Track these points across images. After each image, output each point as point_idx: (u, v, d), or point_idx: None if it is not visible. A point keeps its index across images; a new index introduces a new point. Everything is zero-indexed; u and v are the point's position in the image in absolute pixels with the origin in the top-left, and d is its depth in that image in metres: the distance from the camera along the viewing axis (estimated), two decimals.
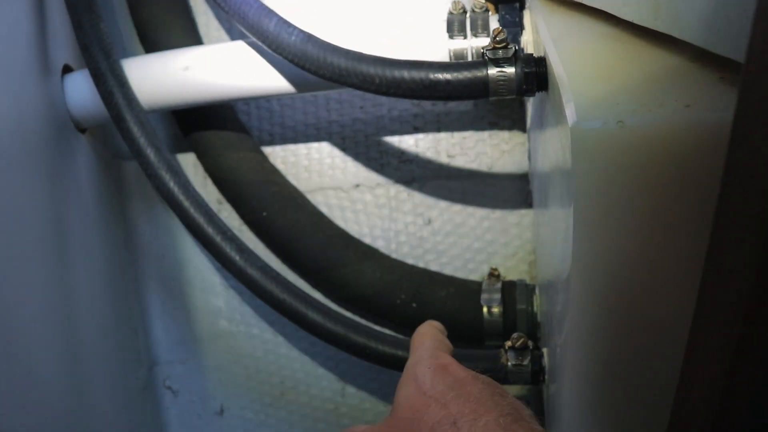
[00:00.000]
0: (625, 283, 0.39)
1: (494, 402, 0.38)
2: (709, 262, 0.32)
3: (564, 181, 0.39)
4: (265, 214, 0.70)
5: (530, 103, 0.65)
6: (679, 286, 0.37)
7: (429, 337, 0.49)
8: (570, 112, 0.36)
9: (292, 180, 0.76)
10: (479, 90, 0.49)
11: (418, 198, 0.75)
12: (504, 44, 0.48)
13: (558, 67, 0.41)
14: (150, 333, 0.80)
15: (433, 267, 0.74)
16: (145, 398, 0.77)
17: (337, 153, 0.76)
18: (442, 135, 0.74)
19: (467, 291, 0.68)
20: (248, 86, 0.64)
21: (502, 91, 0.49)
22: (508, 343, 0.58)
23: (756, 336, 0.31)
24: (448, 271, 0.74)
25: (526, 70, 0.48)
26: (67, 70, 0.68)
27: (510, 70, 0.48)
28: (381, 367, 0.61)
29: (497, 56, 0.48)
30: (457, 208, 0.74)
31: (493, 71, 0.48)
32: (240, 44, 0.64)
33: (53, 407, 0.57)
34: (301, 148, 0.77)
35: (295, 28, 0.55)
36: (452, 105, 0.74)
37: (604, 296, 0.39)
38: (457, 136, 0.74)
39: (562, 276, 0.43)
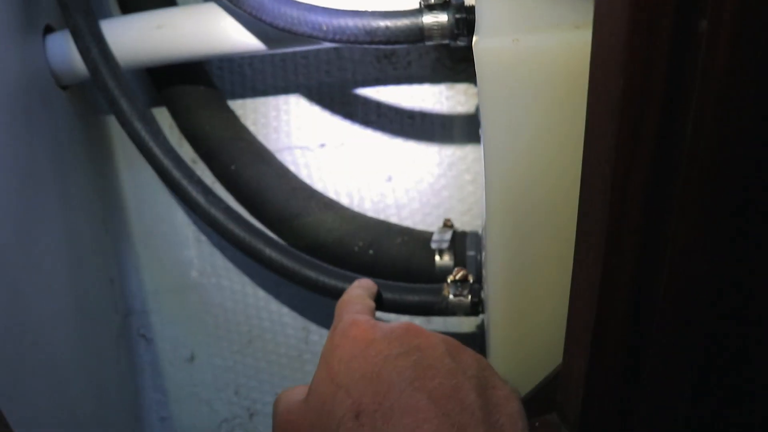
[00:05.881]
0: (532, 201, 0.44)
1: (407, 379, 0.37)
2: (583, 175, 0.36)
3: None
4: (233, 167, 0.74)
5: None
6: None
7: (346, 304, 0.49)
8: (476, 35, 0.40)
9: (262, 140, 0.80)
10: (415, 35, 0.54)
11: (380, 156, 0.79)
12: None
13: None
14: (126, 283, 0.84)
15: (394, 221, 0.79)
16: (119, 345, 0.82)
17: (304, 114, 0.81)
18: (403, 98, 0.79)
19: (422, 239, 0.72)
20: (216, 44, 0.68)
21: (435, 36, 0.53)
22: (450, 277, 0.62)
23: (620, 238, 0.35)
24: (407, 224, 0.79)
25: (457, 16, 0.53)
26: (49, 30, 0.73)
27: (442, 16, 0.53)
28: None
29: (430, 3, 0.53)
30: (416, 165, 0.79)
31: (427, 18, 0.53)
32: (210, 5, 0.69)
33: (30, 349, 0.60)
34: (271, 110, 0.82)
35: None
36: (413, 69, 0.78)
37: (515, 223, 0.43)
38: (417, 98, 0.78)
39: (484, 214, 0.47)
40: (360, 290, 0.54)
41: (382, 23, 0.54)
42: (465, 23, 0.52)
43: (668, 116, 0.31)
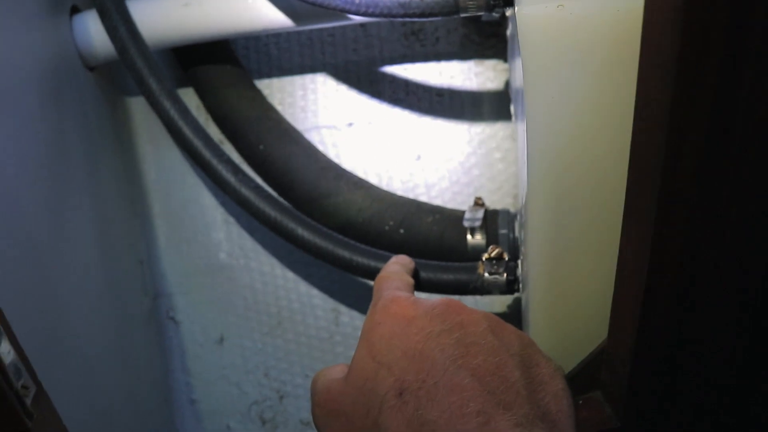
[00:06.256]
0: (577, 174, 0.43)
1: (450, 357, 0.37)
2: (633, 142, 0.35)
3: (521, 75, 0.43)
4: (261, 147, 0.74)
5: (509, 37, 0.68)
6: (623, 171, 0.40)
7: (385, 280, 0.48)
8: (518, 2, 0.39)
9: (290, 119, 0.80)
10: (450, 7, 0.52)
11: (408, 135, 0.78)
12: None
13: None
14: (155, 265, 0.84)
15: (423, 199, 0.78)
16: (149, 328, 0.82)
17: (331, 93, 0.80)
18: (431, 75, 0.78)
19: (453, 217, 0.71)
20: (244, 21, 0.68)
21: (471, 7, 0.52)
22: (485, 255, 0.61)
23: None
24: (437, 203, 0.78)
25: None
26: (75, 11, 0.72)
27: None
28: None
29: None
30: (445, 144, 0.78)
31: None
32: None
33: (62, 331, 0.60)
34: (298, 90, 0.81)
35: None
36: (441, 46, 0.77)
37: (558, 197, 0.42)
38: (446, 75, 0.77)
39: (525, 189, 0.46)
40: (398, 266, 0.53)
41: None
42: None
43: (727, 79, 0.30)
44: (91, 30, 0.70)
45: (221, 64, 0.77)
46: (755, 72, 0.29)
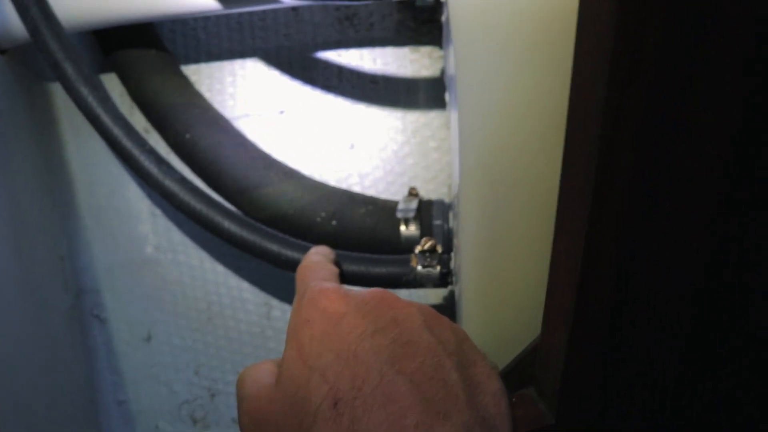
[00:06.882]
0: (510, 162, 0.41)
1: (386, 361, 0.35)
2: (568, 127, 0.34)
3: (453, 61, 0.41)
4: (188, 136, 0.71)
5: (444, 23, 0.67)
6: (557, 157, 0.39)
7: (309, 270, 0.45)
8: None
9: (218, 107, 0.77)
10: None
11: (342, 123, 0.76)
12: None
13: None
14: (77, 261, 0.80)
15: (356, 190, 0.76)
16: (71, 327, 0.78)
17: (262, 80, 0.77)
18: (366, 61, 0.76)
19: (387, 208, 0.69)
20: (170, 3, 0.64)
21: None
22: (418, 248, 0.60)
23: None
24: (370, 193, 0.76)
25: None
26: None
27: None
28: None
29: None
30: (380, 132, 0.76)
31: None
32: None
33: None
34: (227, 76, 0.78)
35: None
36: (375, 32, 0.75)
37: (491, 186, 0.41)
38: (380, 62, 0.75)
39: (458, 179, 0.45)
40: (319, 257, 0.50)
41: None
42: None
43: (666, 68, 0.28)
44: (0, 9, 0.66)
45: (146, 49, 0.73)
46: (694, 56, 0.28)
